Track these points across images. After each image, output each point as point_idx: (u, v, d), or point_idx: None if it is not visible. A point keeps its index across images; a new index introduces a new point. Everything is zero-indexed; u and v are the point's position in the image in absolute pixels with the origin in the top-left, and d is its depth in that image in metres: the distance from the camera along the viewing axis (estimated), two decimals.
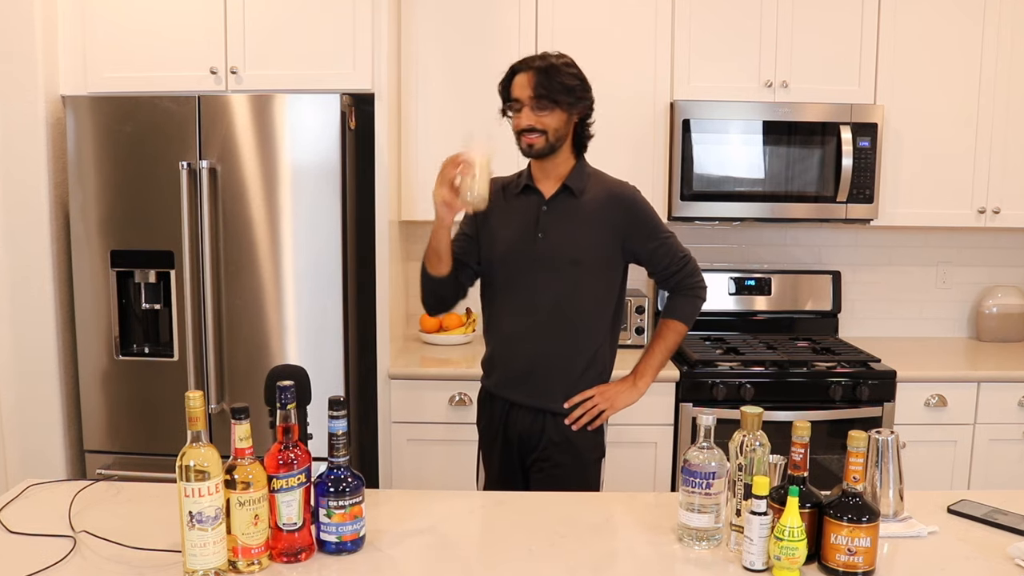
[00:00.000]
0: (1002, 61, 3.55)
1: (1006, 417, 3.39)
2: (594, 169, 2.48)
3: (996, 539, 1.85)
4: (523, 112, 2.32)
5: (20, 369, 3.22)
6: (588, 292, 2.41)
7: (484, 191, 2.19)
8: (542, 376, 2.41)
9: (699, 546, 1.78)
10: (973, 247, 4.05)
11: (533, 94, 2.30)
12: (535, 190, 2.44)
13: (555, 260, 2.37)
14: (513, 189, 2.48)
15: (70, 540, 1.78)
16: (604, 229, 2.39)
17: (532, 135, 2.32)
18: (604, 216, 2.39)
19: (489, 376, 2.54)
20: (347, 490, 1.72)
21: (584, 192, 2.40)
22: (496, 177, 2.46)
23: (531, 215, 2.42)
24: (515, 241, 2.42)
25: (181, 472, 1.59)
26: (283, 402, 1.69)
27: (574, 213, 2.39)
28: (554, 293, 2.37)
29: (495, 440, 2.50)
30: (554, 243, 2.38)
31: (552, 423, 2.40)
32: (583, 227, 2.38)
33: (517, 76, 2.35)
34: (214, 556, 1.61)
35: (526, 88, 2.31)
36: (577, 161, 2.44)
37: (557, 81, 2.30)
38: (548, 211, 2.40)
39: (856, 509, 1.64)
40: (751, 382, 3.30)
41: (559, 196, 2.41)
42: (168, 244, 3.11)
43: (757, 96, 3.53)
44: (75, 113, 3.09)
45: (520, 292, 2.40)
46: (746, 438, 1.79)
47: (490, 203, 2.34)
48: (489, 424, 2.52)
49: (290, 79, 3.18)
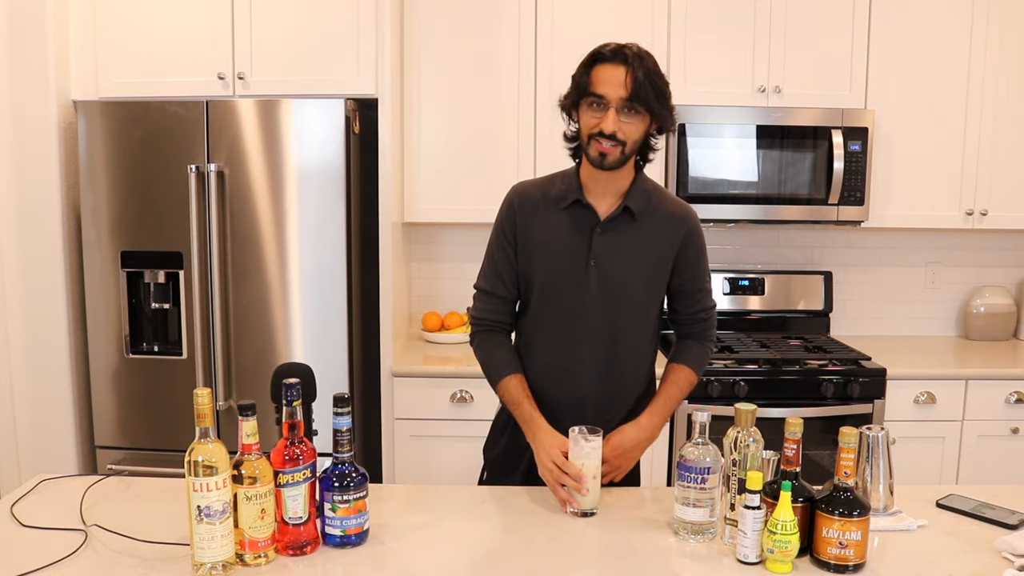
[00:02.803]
0: (989, 67, 3.58)
1: (993, 414, 3.41)
2: (654, 184, 2.15)
3: (983, 532, 1.85)
4: (608, 114, 1.94)
5: (33, 367, 3.25)
6: (642, 324, 2.15)
7: (597, 499, 1.94)
8: (589, 412, 2.12)
9: (694, 539, 1.79)
10: (961, 248, 4.08)
11: (628, 95, 1.93)
12: (587, 207, 2.08)
13: (608, 294, 2.08)
14: (559, 201, 2.10)
15: (81, 534, 1.79)
16: (660, 256, 2.10)
17: (609, 143, 1.95)
18: (662, 242, 2.10)
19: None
20: (351, 485, 1.72)
21: (644, 214, 2.07)
22: (526, 182, 2.21)
23: (583, 238, 2.07)
24: (563, 267, 2.09)
25: (190, 467, 1.59)
26: (289, 399, 1.69)
27: (632, 238, 2.07)
28: (605, 326, 2.07)
29: (515, 468, 2.21)
30: (608, 274, 2.07)
31: None
32: (640, 255, 2.08)
33: (605, 67, 1.96)
34: (222, 549, 1.61)
35: (619, 88, 1.93)
36: (637, 175, 2.10)
37: (655, 87, 1.95)
38: (602, 234, 2.07)
39: (847, 503, 1.65)
40: (745, 379, 3.33)
41: (616, 218, 2.07)
42: (177, 245, 3.14)
43: (751, 101, 3.56)
44: (86, 118, 3.12)
45: (565, 323, 2.10)
46: (740, 434, 1.80)
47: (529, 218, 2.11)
48: (510, 450, 2.22)
49: (296, 85, 3.21)
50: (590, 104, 1.97)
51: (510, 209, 2.15)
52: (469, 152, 3.56)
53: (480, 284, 2.23)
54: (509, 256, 2.15)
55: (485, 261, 2.22)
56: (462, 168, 3.55)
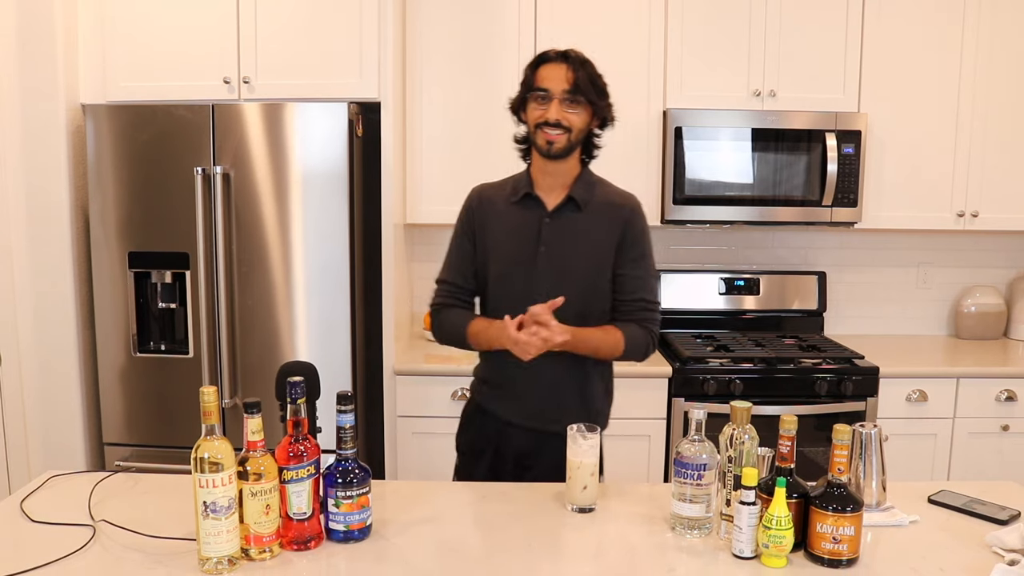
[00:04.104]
0: (980, 71, 3.62)
1: (984, 411, 3.44)
2: (598, 178, 2.31)
3: (974, 528, 1.88)
4: (552, 105, 2.13)
5: (42, 366, 3.27)
6: (594, 308, 2.23)
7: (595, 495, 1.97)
8: (548, 399, 2.24)
9: (691, 535, 1.81)
10: (952, 249, 4.12)
11: (568, 87, 2.12)
12: (536, 200, 2.25)
13: (557, 276, 2.19)
14: (511, 196, 2.27)
15: (90, 529, 1.81)
16: (606, 242, 2.22)
17: (555, 131, 2.14)
18: (607, 228, 2.22)
19: (482, 392, 2.37)
20: (354, 481, 1.74)
21: (588, 203, 2.22)
22: (485, 184, 2.38)
23: (533, 226, 2.23)
24: (516, 252, 2.23)
25: (196, 464, 1.60)
26: (293, 397, 1.71)
27: (577, 226, 2.22)
28: (559, 312, 2.09)
29: (483, 455, 2.33)
30: (556, 257, 2.20)
31: (551, 443, 2.17)
32: (586, 241, 2.21)
33: (548, 66, 2.16)
34: (227, 544, 1.63)
35: (560, 81, 2.13)
36: (582, 169, 2.27)
37: (593, 81, 2.16)
38: (551, 223, 2.22)
39: (841, 499, 1.66)
40: (740, 378, 3.36)
41: (563, 208, 2.23)
42: (183, 246, 3.16)
43: (746, 104, 3.60)
44: (94, 121, 3.14)
45: (519, 305, 2.13)
46: (736, 431, 1.81)
47: (486, 214, 2.27)
48: (478, 438, 2.36)
49: (300, 88, 3.23)
50: (536, 99, 2.18)
51: (469, 208, 2.35)
52: (470, 155, 3.59)
53: (439, 277, 2.40)
54: (467, 250, 2.33)
55: (445, 258, 2.39)
56: (463, 170, 3.56)
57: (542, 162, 2.23)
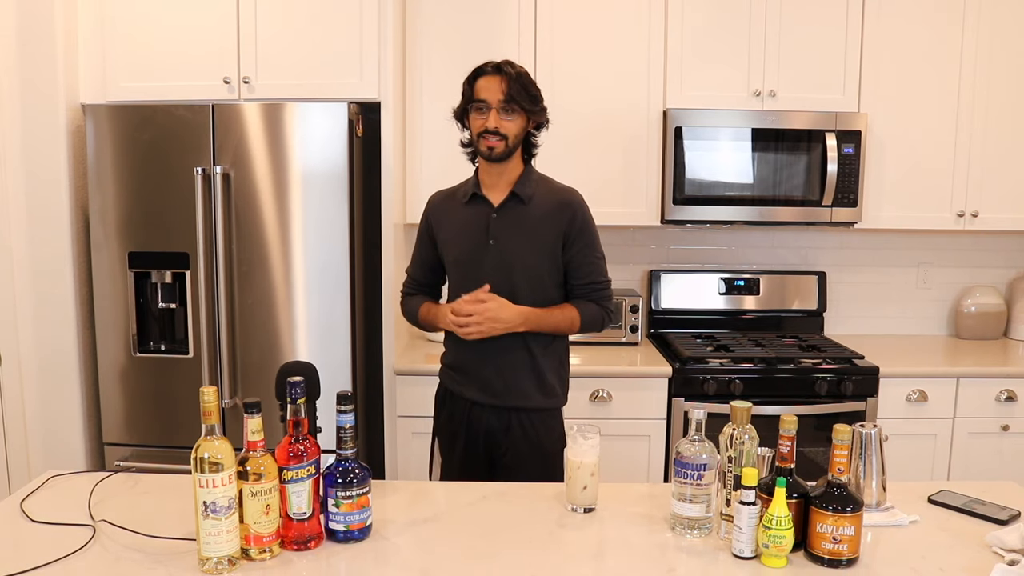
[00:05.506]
0: (980, 71, 3.62)
1: (984, 411, 3.45)
2: (540, 175, 2.51)
3: (974, 528, 1.88)
4: (490, 115, 2.34)
5: (42, 366, 3.27)
6: (540, 294, 2.44)
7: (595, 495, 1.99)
8: (504, 377, 2.44)
9: (691, 535, 1.82)
10: (952, 249, 4.12)
11: (503, 98, 2.33)
12: (483, 198, 2.47)
13: (506, 265, 2.41)
14: (461, 198, 2.51)
15: (90, 529, 1.81)
16: (551, 233, 2.42)
17: (494, 138, 2.35)
18: (551, 220, 2.42)
19: (449, 376, 2.57)
20: (354, 481, 1.75)
21: (532, 198, 2.43)
22: (440, 190, 2.63)
23: (482, 223, 2.45)
24: (468, 248, 2.46)
25: (196, 464, 1.61)
26: (293, 397, 1.72)
27: (523, 219, 2.42)
28: (507, 293, 2.38)
29: (456, 436, 2.52)
30: (505, 249, 2.42)
31: (516, 419, 2.44)
32: (532, 232, 2.41)
33: (484, 79, 2.38)
34: (227, 544, 1.64)
35: (496, 92, 2.34)
36: (525, 167, 2.48)
37: (526, 90, 2.36)
38: (498, 218, 2.44)
39: (841, 499, 1.66)
40: (740, 378, 3.36)
41: (508, 203, 2.44)
42: (183, 246, 3.16)
43: (746, 105, 3.60)
44: (94, 121, 3.14)
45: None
46: (735, 431, 1.82)
47: (441, 214, 2.52)
48: (449, 421, 2.55)
49: (300, 88, 3.24)
50: (476, 109, 2.40)
51: (426, 213, 2.62)
52: None
53: (407, 269, 2.71)
54: (427, 248, 2.61)
55: (412, 254, 2.68)
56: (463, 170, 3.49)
57: (486, 164, 2.46)
